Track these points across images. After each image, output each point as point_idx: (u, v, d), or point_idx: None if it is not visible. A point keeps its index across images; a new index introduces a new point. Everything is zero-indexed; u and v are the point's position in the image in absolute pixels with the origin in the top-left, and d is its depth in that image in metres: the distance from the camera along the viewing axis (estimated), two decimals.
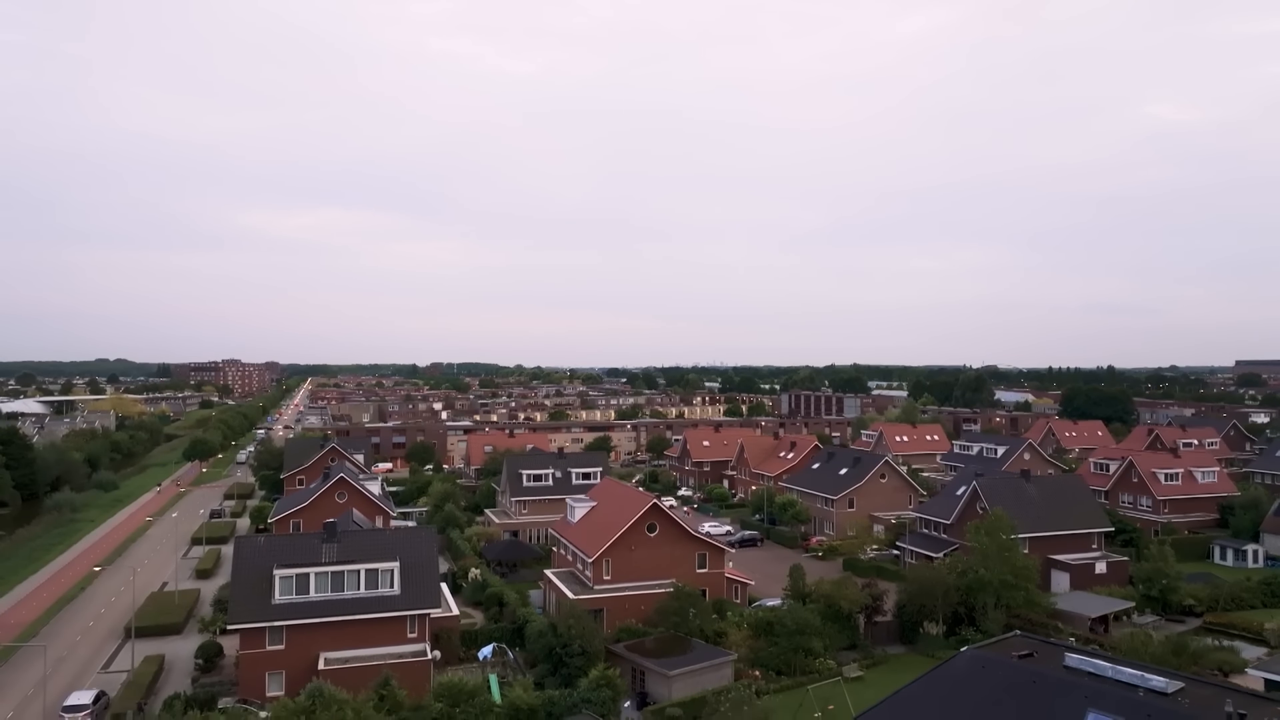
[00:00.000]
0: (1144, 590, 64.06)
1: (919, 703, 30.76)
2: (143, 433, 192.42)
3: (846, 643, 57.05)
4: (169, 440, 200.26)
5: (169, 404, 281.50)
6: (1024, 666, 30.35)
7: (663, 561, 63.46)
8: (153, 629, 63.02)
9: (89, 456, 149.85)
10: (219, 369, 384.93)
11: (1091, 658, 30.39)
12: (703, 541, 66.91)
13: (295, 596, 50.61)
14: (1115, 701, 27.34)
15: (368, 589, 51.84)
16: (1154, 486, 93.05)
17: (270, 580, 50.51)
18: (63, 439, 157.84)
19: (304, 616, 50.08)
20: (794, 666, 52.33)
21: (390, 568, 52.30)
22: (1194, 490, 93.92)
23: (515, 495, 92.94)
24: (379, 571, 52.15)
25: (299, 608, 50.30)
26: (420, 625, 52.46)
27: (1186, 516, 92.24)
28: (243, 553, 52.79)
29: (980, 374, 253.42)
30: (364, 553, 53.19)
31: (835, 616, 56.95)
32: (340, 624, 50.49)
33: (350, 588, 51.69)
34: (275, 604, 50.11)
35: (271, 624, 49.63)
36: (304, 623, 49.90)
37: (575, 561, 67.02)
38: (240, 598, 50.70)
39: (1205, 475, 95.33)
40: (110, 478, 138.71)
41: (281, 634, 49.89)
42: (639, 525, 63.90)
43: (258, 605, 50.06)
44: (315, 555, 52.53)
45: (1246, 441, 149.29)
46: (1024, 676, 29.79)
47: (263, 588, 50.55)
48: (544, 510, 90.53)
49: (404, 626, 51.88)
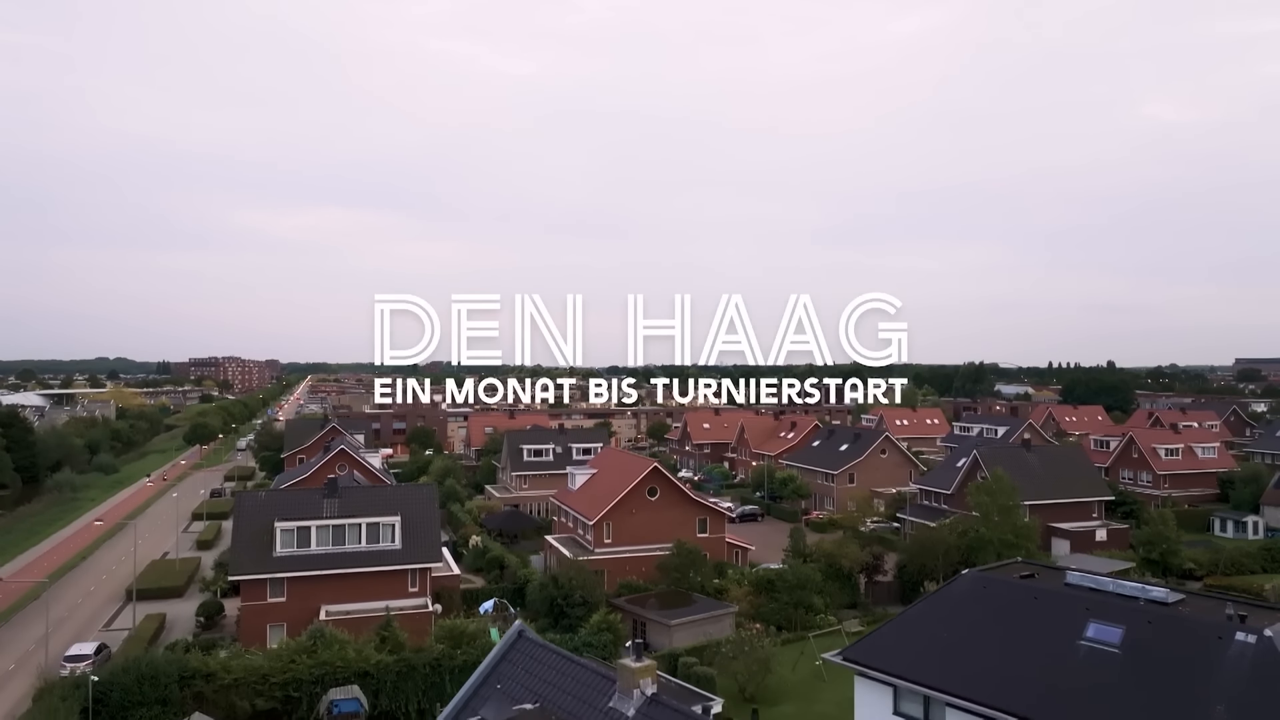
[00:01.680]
0: (1144, 554, 64.10)
1: (922, 621, 30.81)
2: (143, 422, 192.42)
3: (847, 601, 57.09)
4: (169, 430, 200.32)
5: (169, 398, 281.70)
6: (1026, 585, 30.43)
7: (663, 525, 63.44)
8: (154, 591, 63.06)
9: (89, 443, 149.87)
10: (219, 364, 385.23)
11: (1093, 574, 30.45)
12: (704, 506, 66.98)
13: (296, 549, 50.64)
14: (1116, 611, 27.43)
15: (369, 543, 51.88)
16: (1154, 462, 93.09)
17: (272, 533, 50.52)
18: (63, 425, 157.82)
19: (305, 569, 50.14)
20: (794, 623, 52.36)
21: (391, 522, 52.34)
22: (1194, 465, 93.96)
23: (516, 470, 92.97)
24: (380, 525, 52.20)
25: (300, 560, 50.33)
26: (421, 580, 52.48)
27: (1187, 491, 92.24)
28: (244, 507, 52.87)
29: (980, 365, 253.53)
30: (365, 508, 53.25)
31: (836, 576, 57.01)
32: (341, 577, 50.52)
33: (351, 541, 51.73)
34: (276, 556, 50.14)
35: (273, 576, 49.68)
36: (305, 575, 49.93)
37: (576, 527, 67.07)
38: (242, 550, 50.77)
39: (1205, 451, 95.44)
40: (110, 461, 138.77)
41: (283, 586, 49.92)
42: (640, 489, 63.95)
43: (259, 557, 50.11)
44: (316, 510, 52.55)
45: (1247, 427, 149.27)
46: (1025, 594, 29.87)
47: (264, 540, 50.57)
48: (545, 485, 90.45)
49: (405, 581, 51.90)
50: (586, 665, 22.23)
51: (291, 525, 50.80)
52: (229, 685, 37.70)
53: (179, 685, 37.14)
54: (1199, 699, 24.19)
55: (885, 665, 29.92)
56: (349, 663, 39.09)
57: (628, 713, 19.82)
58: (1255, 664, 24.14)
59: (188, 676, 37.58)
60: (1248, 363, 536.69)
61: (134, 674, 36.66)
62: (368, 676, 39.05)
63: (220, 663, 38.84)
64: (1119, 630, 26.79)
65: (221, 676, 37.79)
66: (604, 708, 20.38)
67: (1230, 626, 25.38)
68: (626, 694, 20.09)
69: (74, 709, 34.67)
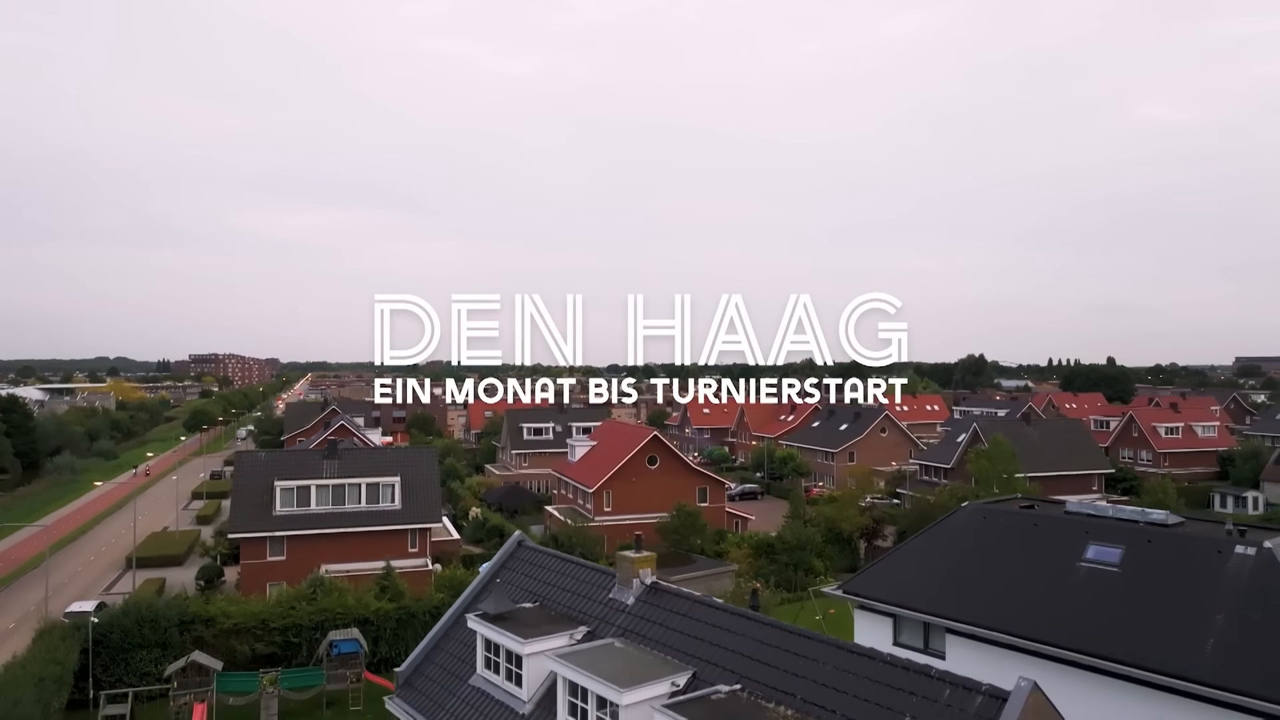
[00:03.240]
0: None
1: (921, 552, 30.82)
2: (143, 413, 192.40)
3: (846, 565, 57.04)
4: (169, 422, 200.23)
5: (169, 392, 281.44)
6: (1025, 513, 30.45)
7: (663, 493, 63.43)
8: (154, 559, 63.08)
9: (89, 431, 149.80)
10: (219, 361, 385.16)
11: None
12: (704, 475, 67.06)
13: (296, 509, 50.69)
14: (1116, 533, 27.45)
15: (368, 503, 51.92)
16: (1154, 440, 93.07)
17: (271, 492, 50.56)
18: (63, 414, 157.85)
19: (304, 528, 50.19)
20: (794, 584, 52.34)
21: (391, 482, 52.37)
22: (1195, 444, 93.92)
23: (515, 449, 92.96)
24: (380, 486, 52.24)
25: (300, 519, 50.39)
26: (421, 540, 52.50)
27: (1187, 470, 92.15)
28: (244, 467, 52.92)
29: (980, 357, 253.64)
30: (365, 468, 53.31)
31: (836, 539, 57.03)
32: (341, 536, 50.57)
33: (351, 501, 51.77)
34: (276, 515, 50.20)
35: (272, 534, 49.73)
36: (304, 533, 50.00)
37: (576, 497, 67.11)
38: (241, 509, 50.82)
39: (1206, 430, 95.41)
40: (110, 447, 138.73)
41: (282, 545, 49.97)
42: (639, 457, 64.03)
43: (259, 516, 50.16)
44: (316, 470, 52.60)
45: (1246, 415, 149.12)
46: (1025, 521, 29.88)
47: (264, 499, 50.62)
48: (545, 463, 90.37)
49: (405, 541, 51.91)
50: (586, 564, 22.26)
51: (291, 484, 50.84)
52: (229, 630, 37.63)
53: (179, 630, 37.08)
54: (1199, 610, 24.18)
55: (884, 596, 29.94)
56: (349, 609, 39.05)
57: (627, 601, 19.84)
58: (1255, 574, 24.15)
59: (187, 621, 37.51)
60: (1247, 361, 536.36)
61: (134, 616, 36.61)
62: (367, 623, 38.98)
63: (220, 608, 38.78)
64: (1118, 550, 26.82)
65: (221, 621, 37.72)
66: (604, 600, 20.39)
67: (1230, 541, 25.39)
68: (626, 584, 20.10)
69: (74, 648, 34.61)
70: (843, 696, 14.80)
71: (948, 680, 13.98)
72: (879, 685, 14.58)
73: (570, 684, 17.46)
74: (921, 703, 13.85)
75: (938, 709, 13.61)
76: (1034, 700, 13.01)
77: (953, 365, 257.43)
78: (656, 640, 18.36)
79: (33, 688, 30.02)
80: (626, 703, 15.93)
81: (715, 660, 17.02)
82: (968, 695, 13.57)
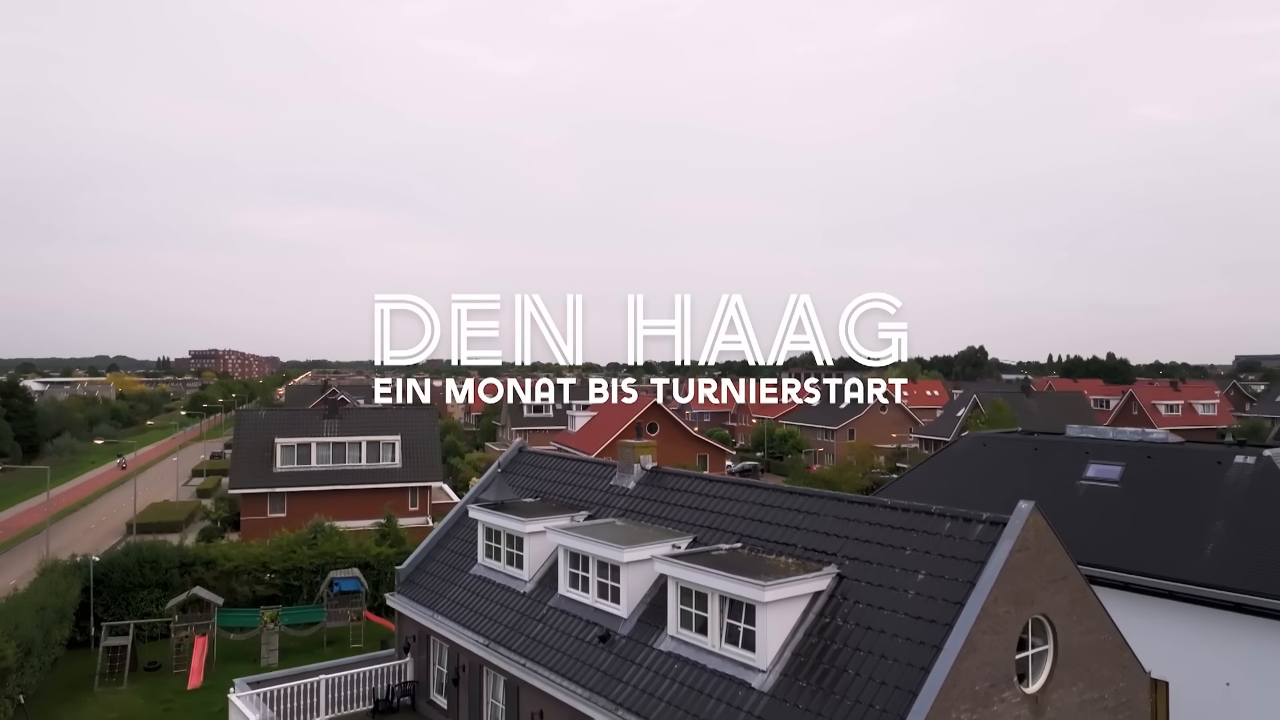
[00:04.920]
0: None
1: (922, 479, 30.88)
2: (143, 404, 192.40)
3: None
4: (169, 413, 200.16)
5: (169, 386, 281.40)
6: (1025, 438, 30.51)
7: (663, 459, 62.29)
8: (154, 526, 62.97)
9: (89, 418, 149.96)
10: (219, 356, 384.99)
11: None
12: (704, 443, 67.11)
13: (297, 465, 50.72)
14: (1116, 451, 27.49)
15: (369, 461, 51.97)
16: (1154, 418, 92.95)
17: (272, 449, 50.59)
18: (63, 401, 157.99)
19: (305, 485, 50.21)
20: None
21: (392, 440, 52.42)
22: (1195, 422, 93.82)
23: (516, 426, 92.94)
24: (380, 444, 52.28)
25: (300, 476, 50.41)
26: (422, 499, 52.55)
27: None
28: (244, 424, 52.95)
29: (980, 349, 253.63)
30: (365, 427, 53.37)
31: None
32: (341, 494, 50.55)
33: (352, 459, 51.81)
34: (277, 472, 50.22)
35: (273, 490, 49.76)
36: (305, 490, 50.00)
37: None
38: (242, 465, 50.86)
39: (1206, 408, 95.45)
40: (111, 432, 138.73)
41: (283, 501, 50.00)
42: (639, 424, 64.06)
43: (259, 472, 50.21)
44: (317, 429, 52.64)
45: (1246, 402, 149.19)
46: (1025, 446, 29.95)
47: (265, 456, 50.65)
48: (545, 440, 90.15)
49: (405, 499, 51.94)
50: (587, 459, 22.32)
51: (292, 441, 50.88)
52: (229, 572, 37.66)
53: (179, 571, 37.11)
54: (1199, 518, 24.21)
55: None
56: (349, 553, 39.09)
57: (628, 486, 19.88)
58: (1255, 481, 24.17)
59: (188, 563, 37.56)
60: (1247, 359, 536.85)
61: (135, 557, 36.65)
62: (368, 567, 38.98)
63: (221, 550, 38.86)
64: (1118, 468, 26.85)
65: (222, 563, 37.76)
66: (605, 488, 20.45)
67: (1230, 451, 25.42)
68: (627, 470, 20.17)
69: (75, 584, 34.65)
70: (843, 541, 14.85)
71: (948, 515, 14.03)
72: (879, 528, 14.64)
73: (571, 554, 17.51)
74: (922, 537, 13.90)
75: (938, 540, 13.65)
76: (1034, 521, 13.06)
77: (953, 358, 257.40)
78: (658, 516, 18.43)
79: (34, 614, 30.07)
80: (627, 559, 15.98)
81: (716, 525, 17.09)
82: (968, 525, 13.62)
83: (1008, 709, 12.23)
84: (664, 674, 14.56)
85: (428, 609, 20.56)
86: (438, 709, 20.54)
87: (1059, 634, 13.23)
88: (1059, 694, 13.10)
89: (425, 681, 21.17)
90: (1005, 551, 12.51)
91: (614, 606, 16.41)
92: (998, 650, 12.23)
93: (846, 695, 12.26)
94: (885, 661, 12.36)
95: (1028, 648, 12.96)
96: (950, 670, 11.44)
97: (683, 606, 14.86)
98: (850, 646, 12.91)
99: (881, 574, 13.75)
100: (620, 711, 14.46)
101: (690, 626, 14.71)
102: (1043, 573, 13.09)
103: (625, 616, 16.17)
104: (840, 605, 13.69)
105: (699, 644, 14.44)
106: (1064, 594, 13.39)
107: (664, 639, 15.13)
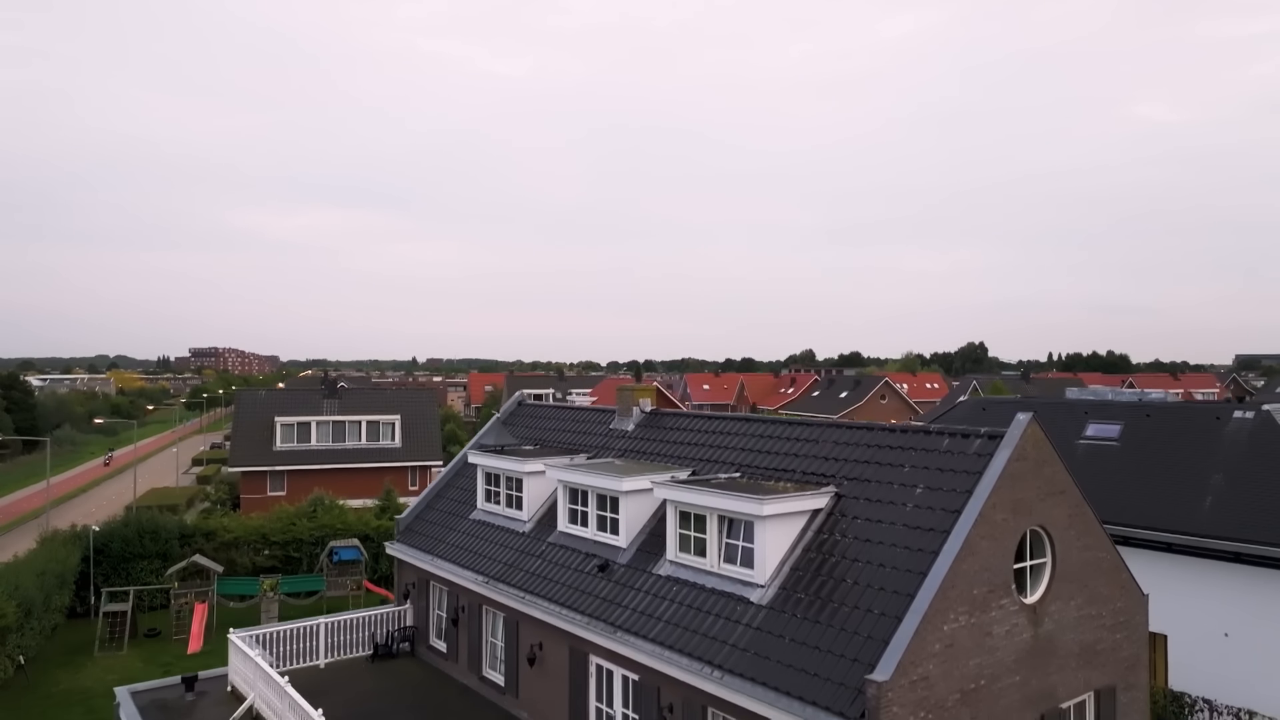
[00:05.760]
0: None
1: None
2: (143, 399, 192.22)
3: None
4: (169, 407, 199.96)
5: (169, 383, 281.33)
6: (1025, 401, 30.51)
7: None
8: (154, 509, 63.00)
9: (90, 411, 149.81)
10: (219, 354, 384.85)
11: None
12: None
13: (296, 444, 50.77)
14: (1115, 410, 27.54)
15: (369, 440, 52.00)
16: None
17: (272, 428, 50.64)
18: (63, 394, 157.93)
19: (305, 463, 50.24)
20: None
21: (391, 420, 52.47)
22: None
23: None
24: (380, 424, 52.33)
25: (300, 454, 50.46)
26: (422, 479, 52.55)
27: None
28: (245, 404, 52.96)
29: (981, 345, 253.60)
30: (365, 407, 53.40)
31: None
32: (342, 472, 50.62)
33: (351, 439, 51.86)
34: (276, 450, 50.26)
35: (273, 468, 49.79)
36: (305, 468, 50.04)
37: None
38: (242, 443, 50.88)
39: (1205, 397, 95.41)
40: (110, 424, 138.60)
41: (283, 479, 50.03)
42: None
43: (259, 451, 50.25)
44: (316, 408, 52.69)
45: (1246, 395, 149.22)
46: (1024, 408, 29.93)
47: (264, 435, 50.70)
48: None
49: (405, 478, 51.96)
50: (586, 407, 22.34)
51: (292, 420, 50.94)
52: (229, 543, 37.69)
53: (179, 542, 37.12)
54: (1198, 472, 24.27)
55: None
56: (349, 525, 39.12)
57: (628, 428, 19.90)
58: (1254, 434, 24.23)
59: (188, 535, 37.59)
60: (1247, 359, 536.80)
61: (135, 527, 36.67)
62: (368, 539, 39.01)
63: (220, 522, 38.87)
64: (1117, 426, 26.94)
65: (222, 534, 37.80)
66: (604, 432, 20.46)
67: (1229, 407, 25.48)
68: (626, 414, 20.18)
69: (75, 552, 34.68)
70: (842, 464, 14.87)
71: (946, 432, 14.04)
72: (878, 449, 14.65)
73: (570, 490, 17.52)
74: (921, 454, 13.91)
75: (937, 456, 13.67)
76: (1032, 432, 13.08)
77: (953, 355, 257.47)
78: (657, 454, 18.44)
79: (34, 578, 30.10)
80: (626, 488, 16.00)
81: (716, 459, 17.10)
82: (966, 440, 13.64)
83: (1005, 615, 12.25)
84: (663, 596, 14.58)
85: (427, 554, 20.57)
86: (437, 653, 20.56)
87: (1057, 546, 13.25)
88: (1057, 606, 13.12)
89: (425, 628, 21.18)
90: (1004, 459, 12.52)
91: (613, 538, 16.43)
92: (996, 556, 12.25)
93: (844, 603, 12.28)
94: (884, 570, 12.38)
95: (1026, 558, 12.98)
96: (948, 572, 11.46)
97: (681, 531, 14.88)
98: (849, 559, 12.94)
99: (880, 490, 13.77)
100: (619, 634, 14.48)
101: (689, 550, 14.73)
102: (1041, 484, 13.10)
103: (624, 547, 16.20)
104: (839, 522, 13.72)
105: (697, 565, 14.47)
106: (1062, 507, 13.40)
107: (663, 564, 15.16)
